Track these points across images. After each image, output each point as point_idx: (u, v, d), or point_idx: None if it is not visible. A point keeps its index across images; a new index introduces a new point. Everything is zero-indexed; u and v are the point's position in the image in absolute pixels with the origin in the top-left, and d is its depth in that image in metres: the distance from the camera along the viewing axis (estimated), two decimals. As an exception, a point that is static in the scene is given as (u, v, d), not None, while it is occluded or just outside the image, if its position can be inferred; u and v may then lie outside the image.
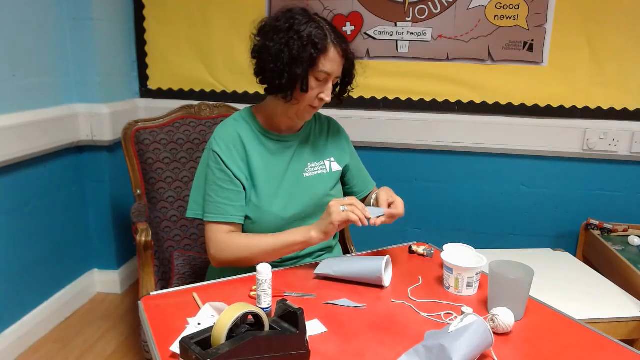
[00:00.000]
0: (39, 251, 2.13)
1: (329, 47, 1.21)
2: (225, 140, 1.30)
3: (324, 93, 1.25)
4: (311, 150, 1.40)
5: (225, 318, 0.83)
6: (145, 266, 1.59)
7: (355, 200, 1.21)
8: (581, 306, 1.62)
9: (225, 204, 1.27)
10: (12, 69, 1.93)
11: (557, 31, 2.18)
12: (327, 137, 1.44)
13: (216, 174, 1.28)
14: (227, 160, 1.27)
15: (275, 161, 1.33)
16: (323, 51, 1.20)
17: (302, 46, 1.19)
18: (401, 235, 2.48)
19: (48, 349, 2.07)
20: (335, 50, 1.22)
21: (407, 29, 2.29)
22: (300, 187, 1.33)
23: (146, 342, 1.31)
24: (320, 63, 1.21)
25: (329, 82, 1.25)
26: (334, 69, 1.23)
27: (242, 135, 1.31)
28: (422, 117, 2.35)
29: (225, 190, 1.27)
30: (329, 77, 1.24)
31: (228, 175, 1.27)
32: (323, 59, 1.21)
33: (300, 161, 1.37)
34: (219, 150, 1.28)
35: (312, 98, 1.25)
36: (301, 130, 1.39)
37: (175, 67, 2.49)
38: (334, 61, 1.23)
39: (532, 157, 2.34)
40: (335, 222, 1.18)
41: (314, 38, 1.19)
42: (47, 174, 2.16)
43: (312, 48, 1.19)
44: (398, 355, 0.89)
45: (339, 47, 1.23)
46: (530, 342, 0.97)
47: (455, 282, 1.14)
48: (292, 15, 1.24)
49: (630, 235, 2.12)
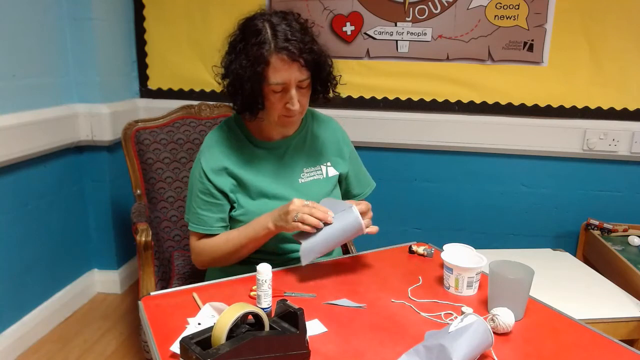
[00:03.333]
0: (39, 251, 2.13)
1: (271, 58, 1.14)
2: (212, 150, 1.30)
3: (289, 103, 1.19)
4: (307, 155, 1.37)
5: (225, 318, 0.83)
6: (145, 266, 1.59)
7: (315, 210, 1.15)
8: (581, 306, 1.62)
9: (206, 215, 1.29)
10: (12, 69, 1.93)
11: (557, 31, 2.18)
12: (325, 139, 1.41)
13: (198, 186, 1.30)
14: (211, 174, 1.28)
15: (266, 168, 1.32)
16: (265, 64, 1.14)
17: (246, 64, 1.15)
18: (401, 235, 2.48)
19: (48, 349, 2.07)
20: (278, 58, 1.14)
21: (407, 29, 2.29)
22: (294, 193, 1.30)
23: (146, 342, 1.31)
24: (269, 76, 1.15)
25: (290, 91, 1.18)
26: (286, 77, 1.16)
27: (230, 144, 1.30)
28: (422, 117, 2.35)
29: (205, 203, 1.29)
30: (287, 86, 1.17)
31: (209, 189, 1.28)
32: (269, 71, 1.15)
33: (295, 167, 1.34)
34: (204, 161, 1.29)
35: (278, 110, 1.21)
36: (294, 135, 1.36)
37: (175, 67, 2.49)
38: (282, 69, 1.15)
39: (532, 157, 2.34)
40: (289, 229, 1.18)
41: (255, 52, 1.14)
42: (47, 174, 2.16)
43: (255, 64, 1.14)
44: (398, 355, 0.88)
45: (284, 52, 1.13)
46: (530, 342, 0.97)
47: (455, 282, 1.14)
48: (244, 26, 1.20)
49: (630, 235, 2.12)
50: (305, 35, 1.19)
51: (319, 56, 1.21)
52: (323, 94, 1.29)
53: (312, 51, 1.18)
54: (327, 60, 1.25)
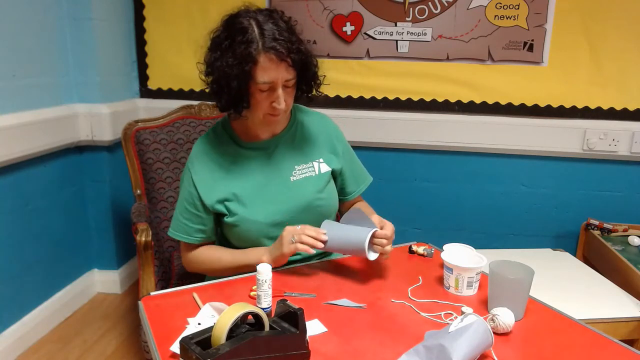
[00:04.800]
0: (39, 251, 2.13)
1: (259, 57, 1.13)
2: (200, 157, 1.31)
3: (275, 102, 1.19)
4: (297, 152, 1.36)
5: (225, 318, 0.83)
6: (145, 266, 1.60)
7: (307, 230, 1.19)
8: (581, 306, 1.62)
9: (186, 224, 1.31)
10: (12, 69, 1.93)
11: (557, 31, 2.18)
12: (316, 136, 1.39)
13: (185, 195, 1.31)
14: (200, 185, 1.28)
15: (256, 170, 1.31)
16: (253, 63, 1.13)
17: (232, 63, 1.14)
18: (401, 235, 2.46)
19: (48, 349, 2.07)
20: (266, 58, 1.14)
21: (407, 29, 2.29)
22: (287, 192, 1.30)
23: (146, 342, 1.32)
24: (256, 75, 1.15)
25: (276, 90, 1.18)
26: (274, 76, 1.15)
27: (219, 151, 1.31)
28: (422, 117, 2.35)
29: (187, 212, 1.31)
30: (274, 85, 1.17)
31: (194, 200, 1.29)
32: (256, 70, 1.14)
33: (286, 165, 1.34)
34: (194, 172, 1.30)
35: (264, 109, 1.21)
36: (282, 132, 1.35)
37: (175, 67, 2.49)
38: (270, 69, 1.14)
39: (532, 157, 2.34)
40: (286, 254, 1.20)
41: (243, 50, 1.13)
42: (47, 174, 2.16)
43: (242, 63, 1.13)
44: (398, 355, 0.89)
45: (272, 52, 1.13)
46: (530, 342, 0.97)
47: (455, 282, 1.14)
48: (229, 24, 1.19)
49: (630, 235, 2.12)
50: (292, 34, 1.19)
51: (305, 56, 1.21)
52: (307, 93, 1.29)
53: (299, 51, 1.19)
54: (312, 60, 1.25)
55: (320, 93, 1.32)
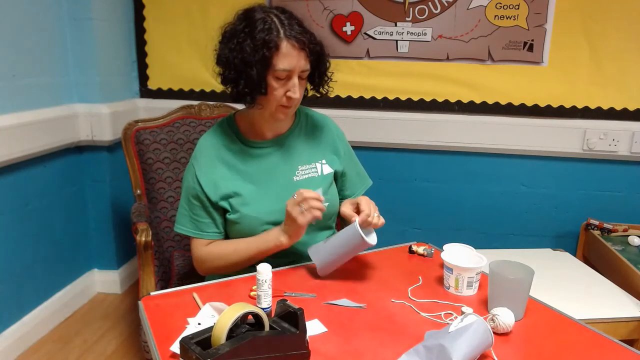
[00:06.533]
0: (39, 251, 2.13)
1: (281, 43, 1.15)
2: (205, 152, 1.31)
3: (290, 91, 1.20)
4: (301, 152, 1.36)
5: (225, 318, 0.83)
6: (145, 266, 1.59)
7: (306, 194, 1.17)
8: (581, 306, 1.62)
9: (197, 220, 1.30)
10: (12, 69, 1.93)
11: (557, 31, 2.18)
12: (319, 137, 1.40)
13: (191, 192, 1.30)
14: (204, 182, 1.28)
15: (259, 168, 1.31)
16: (275, 49, 1.15)
17: (253, 48, 1.15)
18: (401, 235, 2.48)
19: (48, 349, 2.07)
20: (289, 44, 1.16)
21: (407, 29, 2.29)
22: (290, 192, 1.29)
23: (146, 342, 1.32)
24: (276, 62, 1.16)
25: (292, 79, 1.19)
26: (293, 64, 1.17)
27: (223, 148, 1.31)
28: (422, 117, 2.35)
29: (197, 207, 1.30)
30: (292, 74, 1.19)
31: (199, 196, 1.29)
32: (277, 57, 1.16)
33: (290, 165, 1.34)
34: (198, 168, 1.30)
35: (278, 98, 1.21)
36: (287, 132, 1.36)
37: (175, 67, 2.49)
38: (291, 56, 1.17)
39: (532, 157, 2.34)
40: (303, 224, 1.18)
41: (264, 37, 1.14)
42: (47, 174, 2.16)
43: (264, 48, 1.14)
44: (398, 355, 0.89)
45: (294, 39, 1.16)
46: (530, 342, 0.97)
47: (455, 282, 1.14)
48: (246, 16, 1.21)
49: (630, 235, 2.12)
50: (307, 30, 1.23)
51: (322, 49, 1.25)
52: (318, 87, 1.31)
53: (317, 43, 1.23)
54: (326, 55, 1.28)
55: (329, 88, 1.33)
